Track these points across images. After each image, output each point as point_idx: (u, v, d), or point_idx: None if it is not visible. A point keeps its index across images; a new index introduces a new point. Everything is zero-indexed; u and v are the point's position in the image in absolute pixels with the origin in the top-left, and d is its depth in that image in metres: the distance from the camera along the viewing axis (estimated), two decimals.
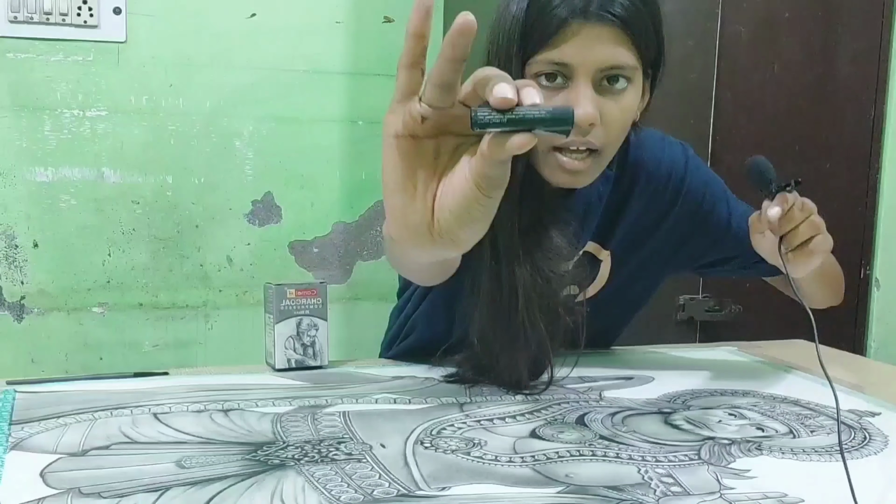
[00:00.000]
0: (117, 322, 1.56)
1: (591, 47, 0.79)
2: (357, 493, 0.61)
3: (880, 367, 1.17)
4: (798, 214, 0.84)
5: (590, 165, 0.84)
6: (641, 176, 1.01)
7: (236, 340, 1.62)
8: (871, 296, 1.65)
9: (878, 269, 1.64)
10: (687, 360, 1.11)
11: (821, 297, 1.09)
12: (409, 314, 1.09)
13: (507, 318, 0.86)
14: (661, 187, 1.02)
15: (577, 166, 0.83)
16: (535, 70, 0.82)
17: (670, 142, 1.06)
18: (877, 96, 1.60)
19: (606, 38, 0.79)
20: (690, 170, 1.04)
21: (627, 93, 0.83)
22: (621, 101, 0.83)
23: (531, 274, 0.85)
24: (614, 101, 0.82)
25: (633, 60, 0.81)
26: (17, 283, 1.50)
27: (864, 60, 1.58)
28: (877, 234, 1.64)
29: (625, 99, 0.83)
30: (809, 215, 0.85)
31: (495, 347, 0.88)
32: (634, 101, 0.85)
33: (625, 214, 1.01)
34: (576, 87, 0.80)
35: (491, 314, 0.86)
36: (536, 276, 0.85)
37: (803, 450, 0.74)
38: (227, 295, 1.61)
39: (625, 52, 0.80)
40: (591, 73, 0.80)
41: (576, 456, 0.71)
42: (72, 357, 1.54)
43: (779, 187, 0.85)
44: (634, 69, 0.82)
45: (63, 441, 0.71)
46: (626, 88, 0.82)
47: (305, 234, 1.64)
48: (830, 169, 1.59)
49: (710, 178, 1.07)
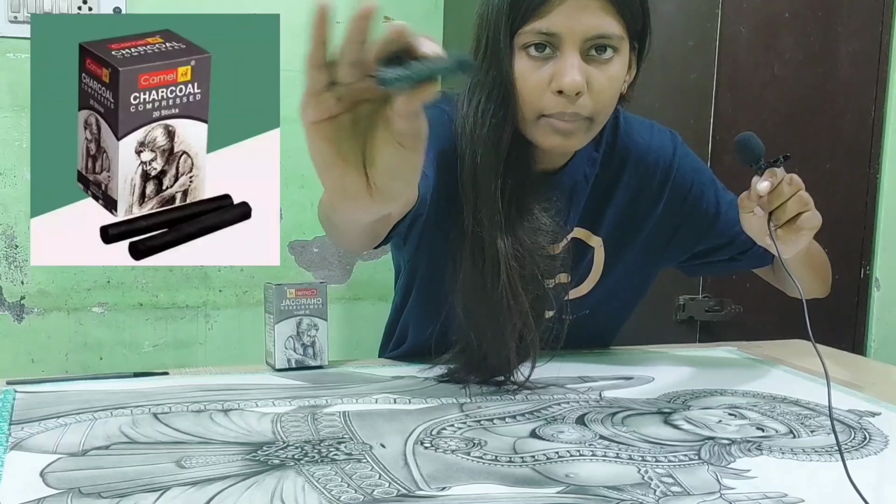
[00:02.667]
0: (117, 322, 1.56)
1: (579, 17, 0.81)
2: (357, 493, 0.61)
3: (880, 367, 1.17)
4: (786, 189, 0.85)
5: (581, 127, 0.86)
6: (630, 160, 1.01)
7: (236, 340, 1.62)
8: (871, 296, 1.65)
9: (878, 269, 1.64)
10: (687, 360, 1.11)
11: (808, 284, 1.09)
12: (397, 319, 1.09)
13: (490, 289, 0.86)
14: (650, 172, 1.03)
15: (569, 127, 0.85)
16: (523, 41, 0.84)
17: (659, 128, 1.06)
18: (877, 96, 1.60)
19: (593, 8, 0.82)
20: (679, 155, 1.05)
21: (614, 62, 0.85)
22: (609, 70, 0.84)
23: (513, 245, 0.86)
24: (601, 70, 0.84)
25: (619, 30, 0.83)
26: (17, 283, 1.50)
27: (864, 60, 1.58)
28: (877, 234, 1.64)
29: (612, 68, 0.85)
30: (798, 191, 0.85)
31: (481, 321, 0.88)
32: (621, 71, 0.86)
33: (614, 198, 1.01)
34: (563, 56, 0.82)
35: (474, 285, 0.87)
36: (518, 246, 0.86)
37: (803, 450, 0.74)
38: (227, 295, 1.61)
39: (611, 22, 0.83)
40: (579, 42, 0.82)
41: (576, 456, 0.71)
42: (72, 357, 1.54)
43: (768, 163, 0.86)
44: (621, 39, 0.84)
45: (63, 441, 0.71)
46: (612, 58, 0.84)
47: (305, 234, 1.64)
48: (830, 169, 1.59)
49: (698, 166, 1.08)
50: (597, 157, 0.99)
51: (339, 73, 0.50)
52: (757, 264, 1.12)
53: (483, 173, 0.87)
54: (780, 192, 0.85)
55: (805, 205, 0.85)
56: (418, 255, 1.00)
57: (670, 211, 1.05)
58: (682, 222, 1.06)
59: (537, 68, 0.84)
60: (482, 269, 0.87)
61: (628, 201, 1.03)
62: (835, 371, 1.06)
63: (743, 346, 1.19)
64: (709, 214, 1.06)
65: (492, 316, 0.88)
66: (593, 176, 0.99)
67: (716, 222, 1.06)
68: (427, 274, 1.01)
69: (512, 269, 0.86)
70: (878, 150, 1.61)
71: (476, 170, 0.87)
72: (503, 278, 0.86)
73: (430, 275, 0.98)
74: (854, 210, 1.61)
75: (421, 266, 1.02)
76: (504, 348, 0.89)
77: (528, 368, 0.91)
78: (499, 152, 0.87)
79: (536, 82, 0.84)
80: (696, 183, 1.06)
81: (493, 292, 0.86)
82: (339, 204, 0.58)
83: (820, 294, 1.15)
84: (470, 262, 0.87)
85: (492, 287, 0.86)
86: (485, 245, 0.86)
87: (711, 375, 1.02)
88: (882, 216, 1.63)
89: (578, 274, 1.04)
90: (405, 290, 1.06)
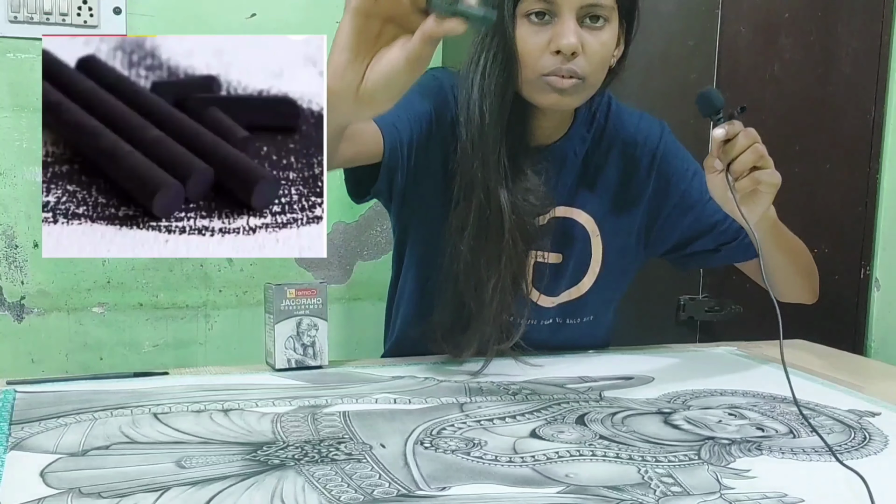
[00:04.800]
0: (117, 322, 1.56)
1: None
2: (357, 493, 0.61)
3: (880, 367, 1.17)
4: (742, 140, 0.90)
5: (576, 86, 0.96)
6: (618, 141, 1.10)
7: (236, 340, 1.62)
8: (871, 296, 1.64)
9: (878, 269, 1.64)
10: (687, 360, 1.11)
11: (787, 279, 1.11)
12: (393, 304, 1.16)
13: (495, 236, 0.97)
14: (638, 154, 1.10)
15: (566, 84, 0.95)
16: (525, 8, 0.94)
17: (649, 117, 1.15)
18: (877, 96, 1.59)
19: None
20: (665, 141, 1.12)
21: (605, 30, 0.96)
22: (600, 36, 0.95)
23: (511, 198, 0.97)
24: (594, 36, 0.95)
25: (610, 1, 0.95)
26: (17, 283, 1.50)
27: (864, 60, 1.57)
28: (877, 234, 1.63)
29: (603, 34, 0.96)
30: (753, 142, 0.90)
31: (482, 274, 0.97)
32: (612, 39, 0.97)
33: (603, 177, 1.09)
34: (561, 21, 0.93)
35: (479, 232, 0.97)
36: (516, 199, 0.97)
37: (803, 450, 0.74)
38: (227, 295, 1.61)
39: None
40: (575, 9, 0.93)
41: (576, 456, 0.71)
42: (72, 357, 1.54)
43: (727, 115, 0.91)
44: (612, 9, 0.96)
45: (63, 441, 0.71)
46: (604, 26, 0.96)
47: None
48: (830, 169, 1.58)
49: (684, 154, 1.14)
50: (587, 136, 1.08)
51: None
52: (742, 256, 1.14)
53: (490, 129, 0.97)
54: (736, 143, 0.90)
55: (760, 158, 0.90)
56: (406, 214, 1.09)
57: (658, 195, 1.11)
58: (668, 206, 1.12)
59: (537, 33, 0.94)
60: (488, 217, 0.97)
61: (619, 184, 1.10)
62: (835, 371, 1.06)
63: (743, 346, 1.19)
64: (692, 199, 1.11)
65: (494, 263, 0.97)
66: (583, 153, 1.07)
67: (697, 207, 1.11)
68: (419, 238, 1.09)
69: (513, 220, 0.97)
70: (878, 150, 1.61)
71: (483, 126, 0.97)
72: (507, 225, 0.96)
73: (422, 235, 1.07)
74: (854, 210, 1.61)
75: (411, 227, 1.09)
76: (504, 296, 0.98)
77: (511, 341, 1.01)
78: (503, 110, 0.97)
79: (536, 45, 0.94)
80: (682, 169, 1.12)
81: (499, 238, 0.97)
82: (332, 84, 0.65)
83: (806, 299, 1.17)
84: (477, 211, 0.97)
85: (496, 234, 0.97)
86: (491, 196, 0.96)
87: (711, 375, 1.02)
88: (882, 216, 1.63)
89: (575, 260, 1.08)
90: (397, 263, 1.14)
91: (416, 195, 1.04)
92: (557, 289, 1.08)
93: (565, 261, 1.07)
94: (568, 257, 1.07)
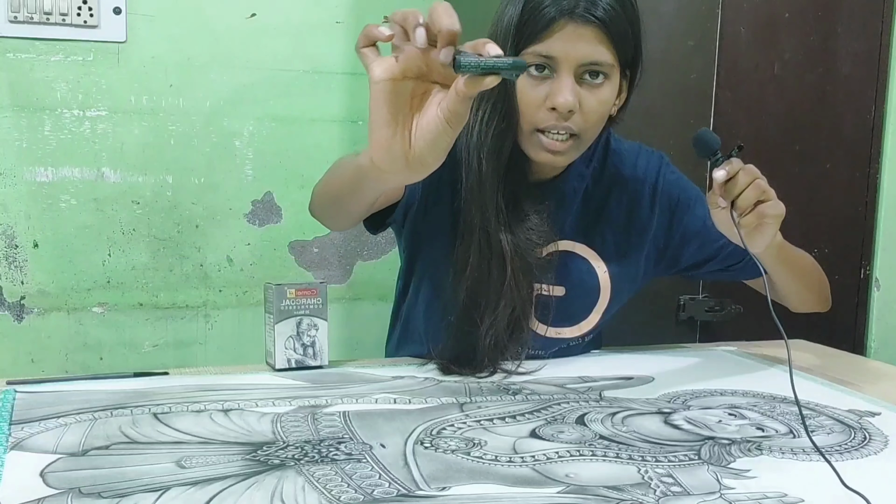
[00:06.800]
0: (117, 322, 1.56)
1: (575, 44, 0.91)
2: (357, 493, 0.61)
3: (880, 367, 1.17)
4: (742, 178, 0.90)
5: (569, 147, 0.96)
6: (619, 177, 1.10)
7: (236, 340, 1.62)
8: (871, 296, 1.64)
9: (878, 269, 1.64)
10: (687, 360, 1.11)
11: (798, 294, 1.14)
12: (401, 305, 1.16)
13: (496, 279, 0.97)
14: (639, 188, 1.10)
15: (558, 147, 0.95)
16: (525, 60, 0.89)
17: (647, 149, 1.14)
18: (877, 96, 1.59)
19: (589, 37, 0.91)
20: (664, 171, 1.12)
21: (604, 87, 0.94)
22: (599, 94, 0.94)
23: (512, 241, 0.98)
24: (592, 93, 0.94)
25: (610, 59, 0.93)
26: (17, 283, 1.50)
27: (864, 60, 1.57)
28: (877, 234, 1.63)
29: (602, 92, 0.94)
30: (754, 179, 0.90)
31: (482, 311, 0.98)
32: (611, 95, 0.96)
33: (607, 213, 1.09)
34: (559, 77, 0.92)
35: (480, 276, 0.98)
36: (517, 241, 0.98)
37: (803, 450, 0.74)
38: (227, 295, 1.61)
39: (604, 51, 0.92)
40: (574, 66, 0.92)
41: (576, 456, 0.71)
42: (72, 357, 1.54)
43: (724, 155, 0.91)
44: (612, 67, 0.94)
45: (63, 441, 0.71)
46: (603, 83, 0.94)
47: (305, 234, 1.64)
48: (830, 169, 1.58)
49: (685, 183, 1.14)
50: (585, 172, 1.07)
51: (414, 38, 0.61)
52: (751, 275, 1.14)
53: (487, 176, 0.97)
54: (737, 181, 0.90)
55: (763, 193, 0.90)
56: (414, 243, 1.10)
57: (662, 227, 1.11)
58: (674, 237, 1.12)
59: (535, 87, 0.93)
60: (489, 261, 0.97)
61: (623, 219, 1.09)
62: (835, 371, 1.06)
63: (743, 346, 1.19)
64: (696, 226, 1.11)
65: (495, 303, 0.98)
66: (582, 190, 1.07)
67: (702, 234, 1.11)
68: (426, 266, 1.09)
69: (515, 261, 0.97)
70: (878, 150, 1.61)
71: (481, 174, 0.98)
72: (509, 269, 0.97)
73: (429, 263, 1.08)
74: (854, 210, 1.61)
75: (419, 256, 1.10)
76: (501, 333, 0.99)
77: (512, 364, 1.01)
78: (500, 158, 0.98)
79: (534, 98, 0.94)
80: (683, 197, 1.12)
81: (500, 282, 0.97)
82: (380, 160, 0.67)
83: (819, 307, 1.19)
84: (478, 255, 0.97)
85: (498, 277, 0.97)
86: (491, 240, 0.97)
87: (711, 375, 1.02)
88: (882, 216, 1.63)
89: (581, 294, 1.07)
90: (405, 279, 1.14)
91: (427, 224, 1.05)
92: (566, 321, 1.08)
93: (570, 294, 1.06)
94: (572, 290, 1.06)
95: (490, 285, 0.98)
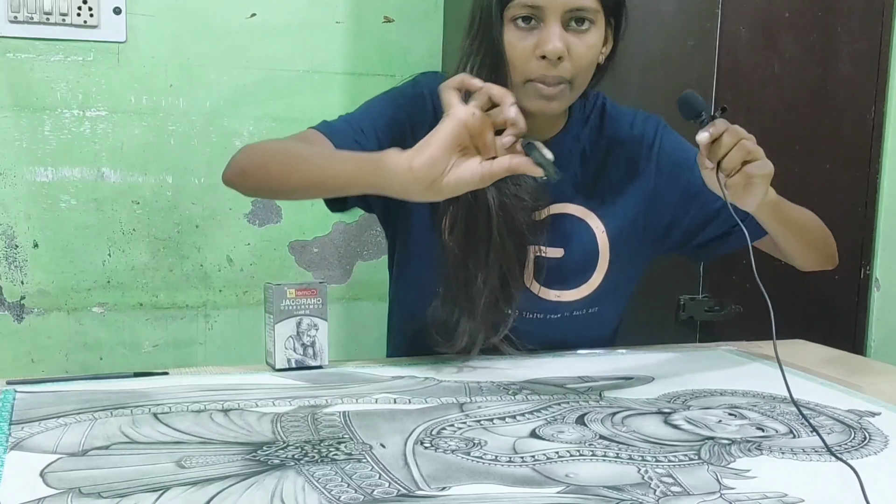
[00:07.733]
0: (117, 322, 1.56)
1: None
2: (357, 493, 0.61)
3: (880, 367, 1.17)
4: (727, 139, 0.90)
5: (562, 92, 0.97)
6: (617, 139, 1.12)
7: (236, 340, 1.62)
8: (871, 296, 1.64)
9: (878, 269, 1.64)
10: (687, 360, 1.11)
11: (802, 252, 1.13)
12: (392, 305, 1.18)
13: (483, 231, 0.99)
14: (637, 149, 1.12)
15: (551, 91, 0.97)
16: (512, 14, 0.95)
17: (643, 113, 1.16)
18: (877, 96, 1.59)
19: None
20: (662, 133, 1.13)
21: (591, 32, 0.97)
22: (586, 39, 0.97)
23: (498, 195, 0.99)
24: (580, 39, 0.96)
25: (595, 4, 0.96)
26: (17, 283, 1.50)
27: (864, 60, 1.57)
28: (877, 234, 1.63)
29: (589, 37, 0.97)
30: (739, 140, 0.90)
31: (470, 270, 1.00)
32: (598, 41, 0.98)
33: (605, 174, 1.10)
34: (547, 26, 0.94)
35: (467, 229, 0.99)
36: (502, 196, 0.99)
37: (803, 450, 0.74)
38: (227, 295, 1.61)
39: None
40: (560, 14, 0.94)
41: (576, 456, 0.71)
42: (72, 357, 1.54)
43: (709, 116, 0.91)
44: (597, 12, 0.97)
45: (63, 441, 0.71)
46: (589, 29, 0.97)
47: (305, 234, 1.64)
48: (830, 169, 1.58)
49: (684, 143, 1.14)
50: (582, 134, 1.09)
51: None
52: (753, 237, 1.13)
53: None
54: (721, 143, 0.90)
55: (749, 153, 0.90)
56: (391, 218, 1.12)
57: (662, 188, 1.12)
58: (673, 197, 1.12)
59: (524, 37, 0.96)
60: (476, 216, 0.99)
61: (622, 182, 1.11)
62: (835, 371, 1.06)
63: (743, 346, 1.19)
64: (695, 187, 1.09)
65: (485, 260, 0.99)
66: (579, 152, 1.09)
67: (702, 195, 1.09)
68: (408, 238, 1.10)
69: (499, 216, 0.99)
70: (878, 150, 1.61)
71: None
72: (494, 223, 0.99)
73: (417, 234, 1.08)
74: (854, 210, 1.61)
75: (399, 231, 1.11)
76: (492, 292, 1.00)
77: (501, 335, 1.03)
78: None
79: (523, 49, 0.96)
80: (682, 158, 1.12)
81: (486, 239, 0.99)
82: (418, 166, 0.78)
83: (825, 265, 1.19)
84: (465, 210, 0.99)
85: (483, 234, 0.99)
86: (477, 194, 0.97)
87: (711, 375, 1.02)
88: (882, 216, 1.63)
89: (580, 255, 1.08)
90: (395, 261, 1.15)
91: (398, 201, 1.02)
92: (566, 284, 1.08)
93: (568, 255, 1.07)
94: (570, 252, 1.07)
95: (478, 242, 0.99)
